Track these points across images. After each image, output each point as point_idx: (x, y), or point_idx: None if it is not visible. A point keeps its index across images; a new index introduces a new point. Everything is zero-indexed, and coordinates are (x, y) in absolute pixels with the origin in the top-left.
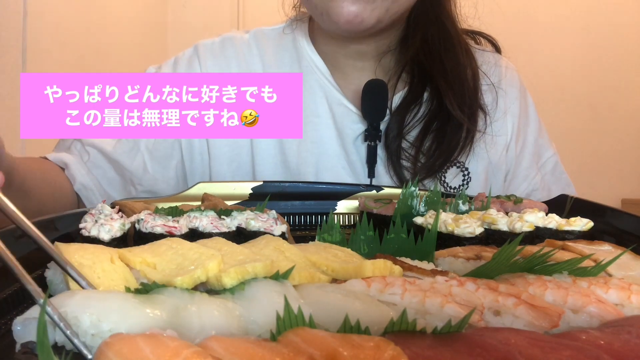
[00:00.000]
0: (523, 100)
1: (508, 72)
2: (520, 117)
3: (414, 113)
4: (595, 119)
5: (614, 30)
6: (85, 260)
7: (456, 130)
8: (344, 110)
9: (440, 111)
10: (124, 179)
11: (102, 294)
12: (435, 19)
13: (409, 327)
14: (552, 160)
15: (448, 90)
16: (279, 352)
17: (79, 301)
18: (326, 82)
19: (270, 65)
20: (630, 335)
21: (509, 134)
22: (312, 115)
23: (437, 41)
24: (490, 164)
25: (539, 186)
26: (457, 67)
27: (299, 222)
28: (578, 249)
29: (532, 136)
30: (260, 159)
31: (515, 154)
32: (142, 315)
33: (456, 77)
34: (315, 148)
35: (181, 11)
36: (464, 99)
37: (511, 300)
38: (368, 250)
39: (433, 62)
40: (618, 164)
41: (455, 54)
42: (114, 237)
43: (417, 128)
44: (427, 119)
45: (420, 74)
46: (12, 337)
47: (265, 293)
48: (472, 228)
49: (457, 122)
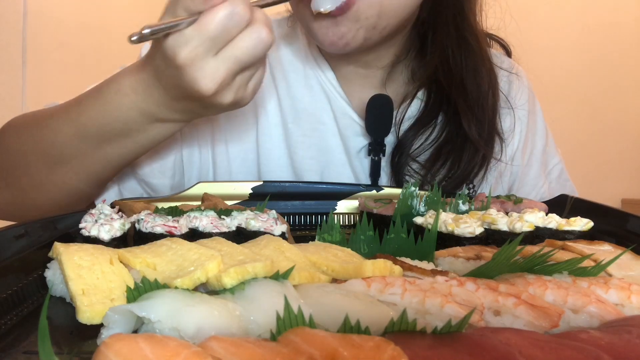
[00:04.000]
0: (532, 108)
1: (518, 81)
2: (528, 125)
3: (427, 134)
4: (595, 119)
5: (614, 30)
6: (84, 261)
7: (472, 156)
8: (349, 121)
9: (457, 134)
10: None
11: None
12: (456, 34)
13: (409, 327)
14: (557, 167)
15: (467, 113)
16: (279, 352)
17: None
18: (331, 88)
19: (273, 63)
20: (630, 335)
21: (516, 144)
22: (317, 122)
23: (459, 60)
24: (495, 176)
25: (546, 195)
26: (479, 88)
27: (299, 222)
28: (578, 249)
29: (540, 144)
30: (266, 160)
31: (523, 163)
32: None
33: (476, 99)
34: (322, 156)
35: None
36: (483, 124)
37: (511, 300)
38: (368, 250)
39: (452, 81)
40: (618, 164)
41: (478, 75)
42: (114, 237)
43: (429, 150)
44: (442, 142)
45: (438, 94)
46: (12, 337)
47: (265, 293)
48: (472, 228)
49: (474, 147)
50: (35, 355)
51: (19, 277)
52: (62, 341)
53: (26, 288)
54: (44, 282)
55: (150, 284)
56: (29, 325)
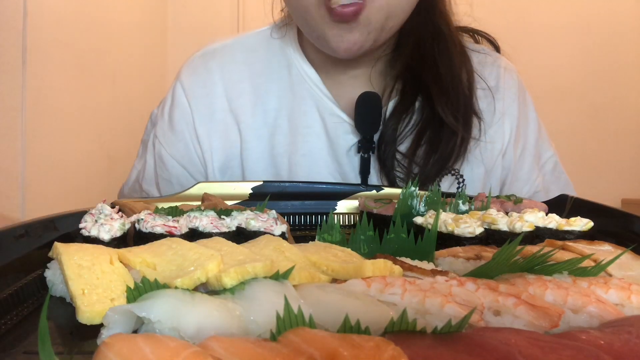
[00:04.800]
0: (522, 101)
1: (507, 73)
2: (519, 119)
3: (405, 122)
4: (595, 119)
5: (613, 31)
6: (84, 261)
7: (450, 138)
8: (337, 121)
9: (433, 119)
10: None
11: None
12: (427, 20)
13: (409, 327)
14: (552, 160)
15: (441, 97)
16: (279, 352)
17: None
18: (318, 92)
19: (259, 73)
20: (630, 335)
21: (506, 138)
22: (301, 126)
23: (430, 44)
24: (485, 169)
25: (540, 188)
26: (451, 71)
27: (299, 222)
28: (578, 249)
29: (532, 138)
30: (250, 172)
31: (515, 157)
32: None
33: (450, 82)
34: (306, 161)
35: (181, 11)
36: (457, 106)
37: (511, 300)
38: (368, 250)
39: (426, 66)
40: (618, 164)
41: (450, 56)
42: (114, 237)
43: (410, 137)
44: (420, 128)
45: (413, 81)
46: (12, 337)
47: (265, 293)
48: (472, 228)
49: (451, 129)
50: (35, 355)
51: (19, 277)
52: (62, 341)
53: (26, 288)
54: (44, 282)
55: (150, 284)
56: (29, 325)
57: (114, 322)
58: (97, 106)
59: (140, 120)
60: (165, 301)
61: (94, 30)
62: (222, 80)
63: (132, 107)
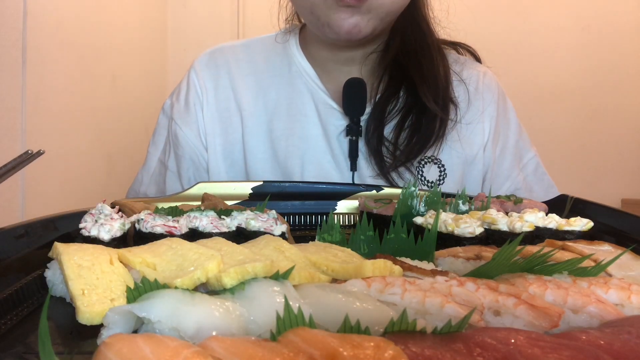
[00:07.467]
0: (502, 103)
1: (486, 77)
2: (498, 119)
3: (391, 107)
4: (595, 119)
5: (613, 31)
6: (84, 261)
7: (430, 121)
8: (328, 108)
9: (416, 104)
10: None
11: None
12: (412, 21)
13: (409, 327)
14: (533, 161)
15: (423, 84)
16: (279, 352)
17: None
18: (313, 85)
19: (262, 70)
20: (630, 335)
21: (486, 134)
22: (299, 114)
23: (414, 41)
24: (466, 160)
25: (521, 185)
26: (431, 64)
27: (299, 222)
28: (578, 249)
29: (512, 139)
30: (251, 155)
31: (495, 154)
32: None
33: (430, 72)
34: (302, 144)
35: (181, 11)
36: (437, 92)
37: (511, 300)
38: (368, 250)
39: (410, 60)
40: (618, 164)
41: (430, 52)
42: (114, 237)
43: (395, 120)
44: (404, 112)
45: (398, 73)
46: (12, 337)
47: (265, 293)
48: (472, 228)
49: (432, 113)
50: (35, 355)
51: (19, 277)
52: (62, 341)
53: (26, 288)
54: (44, 282)
55: (150, 284)
56: (29, 325)
57: (114, 322)
58: (97, 106)
59: (140, 120)
60: (165, 301)
61: (94, 31)
62: (228, 74)
63: (132, 107)
